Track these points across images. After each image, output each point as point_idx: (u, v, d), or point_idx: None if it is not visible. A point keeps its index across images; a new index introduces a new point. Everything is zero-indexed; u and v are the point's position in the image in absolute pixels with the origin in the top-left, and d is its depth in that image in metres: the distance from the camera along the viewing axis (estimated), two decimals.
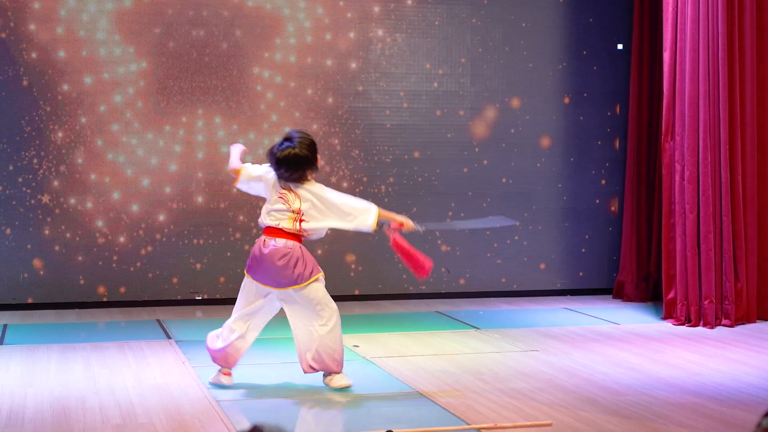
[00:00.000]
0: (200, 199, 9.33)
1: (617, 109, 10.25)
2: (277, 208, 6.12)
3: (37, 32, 8.96)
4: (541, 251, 10.15)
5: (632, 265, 9.89)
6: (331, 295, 6.28)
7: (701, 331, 8.35)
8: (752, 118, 8.74)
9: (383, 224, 6.23)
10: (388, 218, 6.23)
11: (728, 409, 5.81)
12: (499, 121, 10.00)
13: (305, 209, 6.10)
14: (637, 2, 9.80)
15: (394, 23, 9.72)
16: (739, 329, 8.44)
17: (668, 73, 8.69)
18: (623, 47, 10.20)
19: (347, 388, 6.17)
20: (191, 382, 6.37)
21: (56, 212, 9.07)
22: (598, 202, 10.27)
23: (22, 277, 9.03)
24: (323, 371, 6.19)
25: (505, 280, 10.06)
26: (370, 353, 7.26)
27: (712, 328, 8.44)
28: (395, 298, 9.76)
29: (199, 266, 9.37)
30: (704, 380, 6.51)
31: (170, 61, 9.24)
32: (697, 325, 8.51)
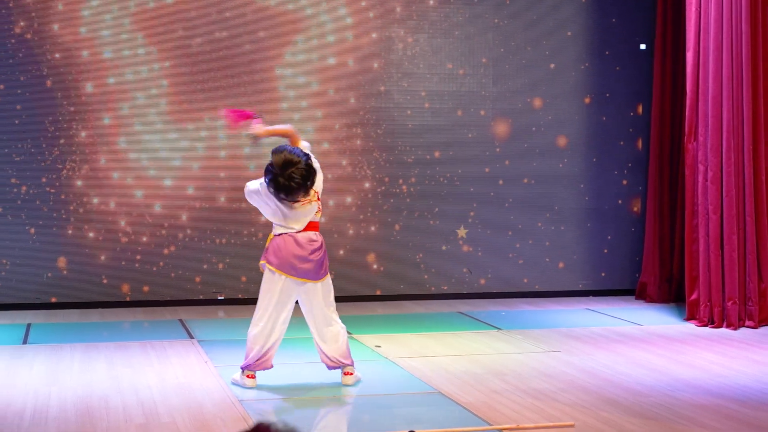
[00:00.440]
0: (223, 198, 9.36)
1: (639, 109, 10.22)
2: (293, 214, 6.18)
3: (60, 33, 9.01)
4: (563, 252, 10.13)
5: (655, 265, 9.85)
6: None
7: (724, 332, 8.32)
8: None
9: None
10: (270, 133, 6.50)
11: (751, 410, 5.78)
12: (520, 121, 9.98)
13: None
14: (660, 2, 9.76)
15: (416, 23, 9.72)
16: (762, 330, 8.40)
17: (691, 73, 8.66)
18: (646, 47, 10.17)
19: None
20: (213, 381, 6.39)
21: (80, 212, 9.11)
22: (620, 202, 10.24)
23: (45, 276, 9.08)
24: (344, 365, 6.28)
25: (527, 280, 10.05)
26: (391, 353, 7.27)
27: (735, 329, 8.40)
28: (417, 298, 9.76)
29: (221, 266, 9.40)
30: (727, 382, 6.48)
31: (193, 61, 9.27)
32: (720, 326, 8.47)
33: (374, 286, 9.67)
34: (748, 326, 8.48)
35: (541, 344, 7.68)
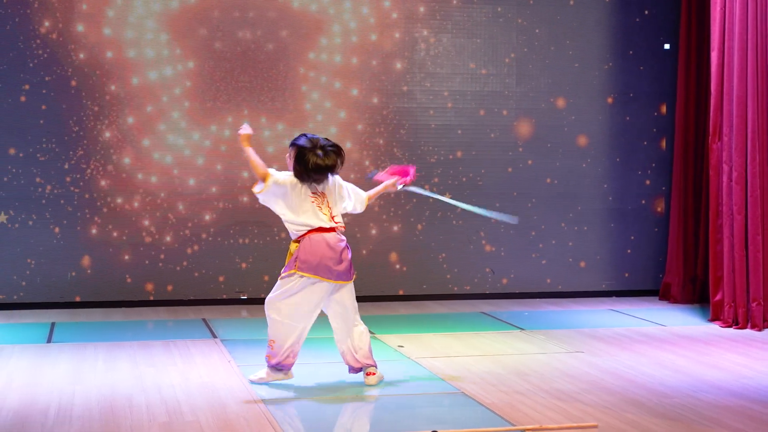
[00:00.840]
0: (245, 198, 9.38)
1: (663, 109, 10.18)
2: (314, 209, 6.19)
3: (85, 33, 9.05)
4: (586, 252, 10.11)
5: (679, 266, 9.81)
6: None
7: (749, 333, 8.28)
8: None
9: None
10: (378, 193, 6.71)
11: None
12: (543, 121, 9.96)
13: (332, 202, 6.31)
14: (684, 2, 9.72)
15: (439, 23, 9.71)
16: None
17: (716, 73, 8.62)
18: (670, 47, 10.13)
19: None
20: (237, 381, 6.40)
21: (104, 211, 9.16)
22: (643, 202, 10.21)
23: (69, 275, 9.13)
24: (367, 366, 6.31)
25: (550, 280, 10.03)
26: (414, 354, 7.27)
27: (760, 330, 8.36)
28: (439, 298, 9.76)
29: (244, 265, 9.42)
30: (752, 383, 6.45)
31: (216, 61, 9.30)
32: (744, 327, 8.43)
33: (397, 286, 9.67)
34: None
35: (564, 345, 7.66)
